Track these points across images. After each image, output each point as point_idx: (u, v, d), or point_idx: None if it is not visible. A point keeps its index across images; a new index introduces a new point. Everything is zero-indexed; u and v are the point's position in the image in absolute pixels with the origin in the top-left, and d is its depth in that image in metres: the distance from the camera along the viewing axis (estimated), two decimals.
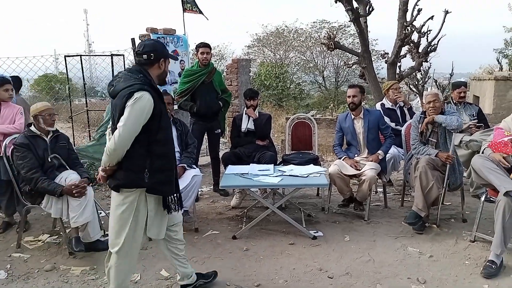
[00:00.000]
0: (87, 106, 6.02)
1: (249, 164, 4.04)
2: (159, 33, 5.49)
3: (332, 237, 3.52)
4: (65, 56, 5.79)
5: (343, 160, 3.99)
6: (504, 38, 18.14)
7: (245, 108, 4.52)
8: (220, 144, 5.33)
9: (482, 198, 3.26)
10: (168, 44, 5.55)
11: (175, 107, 4.56)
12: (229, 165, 4.07)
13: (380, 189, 4.67)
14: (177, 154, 3.75)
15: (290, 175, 3.62)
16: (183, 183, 3.53)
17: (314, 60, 23.50)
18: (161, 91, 2.39)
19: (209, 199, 4.67)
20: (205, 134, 4.72)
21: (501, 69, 16.44)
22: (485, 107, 9.15)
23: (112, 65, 5.42)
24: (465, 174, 4.11)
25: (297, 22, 28.49)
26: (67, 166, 3.37)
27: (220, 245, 3.41)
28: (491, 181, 3.00)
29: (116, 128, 2.13)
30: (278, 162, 4.36)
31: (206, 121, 4.57)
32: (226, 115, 5.10)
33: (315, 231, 3.60)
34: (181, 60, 5.81)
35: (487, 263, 2.89)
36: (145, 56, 2.27)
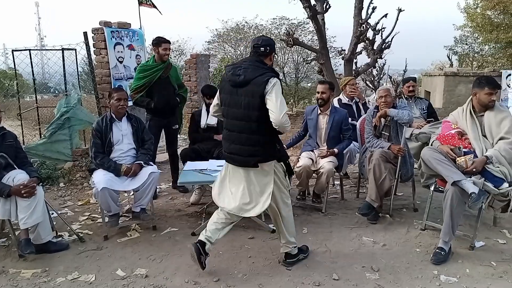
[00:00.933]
0: (36, 103, 5.74)
1: (208, 160, 4.02)
2: (113, 26, 5.32)
3: None
4: (12, 51, 5.48)
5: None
6: (454, 36, 19.08)
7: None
8: (179, 141, 5.26)
9: (432, 188, 3.42)
10: (123, 38, 5.39)
11: (130, 103, 4.44)
12: (188, 161, 4.02)
13: (337, 182, 4.78)
14: (133, 151, 3.67)
15: None
16: (139, 181, 3.46)
17: (274, 56, 23.66)
18: (116, 87, 2.36)
19: (168, 196, 4.61)
20: (162, 130, 4.64)
21: (451, 65, 17.27)
22: (436, 102, 9.59)
23: (63, 60, 5.19)
24: (416, 165, 4.29)
25: (257, 18, 28.60)
26: (14, 166, 3.20)
27: (179, 242, 3.38)
28: (439, 171, 3.15)
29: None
30: None
31: (163, 117, 4.48)
32: (183, 110, 5.02)
33: (274, 225, 3.64)
34: (137, 55, 5.67)
35: (437, 250, 3.03)
36: (262, 49, 2.71)
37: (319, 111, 4.14)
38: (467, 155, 3.09)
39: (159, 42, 4.35)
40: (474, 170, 3.03)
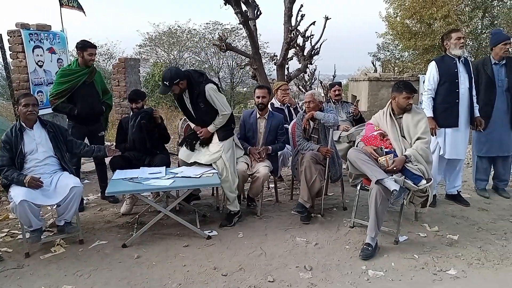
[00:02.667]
0: None
1: (139, 168, 3.87)
2: (31, 29, 4.96)
3: (227, 235, 3.56)
4: None
5: (248, 149, 4.08)
6: (377, 43, 20.36)
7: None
8: None
9: (358, 187, 3.59)
10: (42, 40, 5.05)
11: (50, 110, 4.14)
12: (117, 170, 3.84)
13: (272, 185, 4.86)
14: (52, 159, 3.43)
15: (182, 177, 3.56)
16: (60, 195, 3.24)
17: (209, 61, 23.58)
18: (25, 92, 2.18)
19: (97, 207, 4.37)
20: (86, 138, 4.39)
21: (375, 71, 18.41)
22: (362, 105, 10.16)
23: None
24: (344, 166, 4.49)
25: (190, 23, 28.31)
26: None
27: (109, 256, 3.21)
28: (364, 171, 3.32)
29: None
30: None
31: (87, 124, 4.23)
32: (109, 116, 4.77)
33: (210, 231, 3.61)
34: (59, 59, 5.34)
35: (364, 246, 3.19)
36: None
37: (258, 115, 4.19)
38: (388, 155, 3.29)
39: (84, 46, 4.12)
40: (395, 168, 3.24)
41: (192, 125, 3.94)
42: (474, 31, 17.04)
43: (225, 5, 7.79)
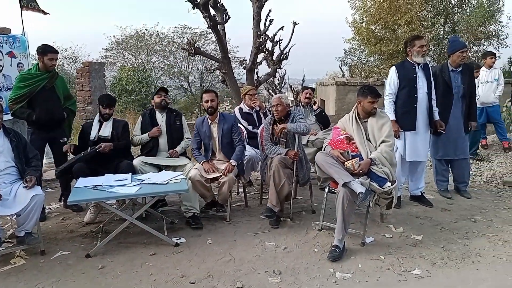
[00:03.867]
0: None
1: (104, 175, 3.76)
2: None
3: (195, 242, 3.51)
4: None
5: (202, 164, 4.02)
6: (344, 48, 20.79)
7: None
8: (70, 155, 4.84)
9: (326, 190, 3.63)
10: (1, 44, 4.84)
11: (9, 116, 3.98)
12: (80, 178, 3.71)
13: (241, 190, 4.84)
14: (12, 169, 3.29)
15: (149, 183, 3.49)
16: (20, 205, 3.10)
17: (178, 65, 23.37)
18: None
19: (59, 216, 4.21)
20: (47, 145, 4.23)
21: (343, 75, 18.77)
22: (330, 109, 10.32)
23: None
24: (313, 169, 4.54)
25: (158, 26, 28.00)
26: None
27: (71, 266, 3.10)
28: (331, 174, 3.37)
29: None
30: None
31: (48, 130, 4.08)
32: (73, 122, 4.63)
33: (178, 238, 3.55)
34: (19, 63, 5.13)
35: (332, 248, 3.22)
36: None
37: (209, 121, 4.16)
38: (354, 158, 3.35)
39: (44, 51, 3.98)
40: (361, 171, 3.30)
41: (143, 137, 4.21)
42: (436, 36, 17.72)
43: (193, 9, 7.74)
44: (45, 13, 5.64)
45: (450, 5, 18.19)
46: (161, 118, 4.28)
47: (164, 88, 4.46)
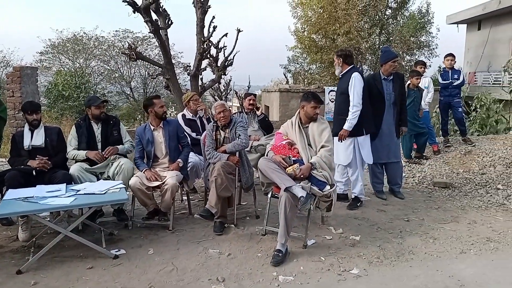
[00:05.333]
0: None
1: (35, 186, 3.53)
2: None
3: (136, 253, 3.39)
4: None
5: (143, 172, 3.92)
6: (287, 56, 21.32)
7: None
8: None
9: (269, 195, 3.68)
10: None
11: None
12: (10, 189, 3.45)
13: (185, 198, 4.77)
14: None
15: (85, 194, 3.33)
16: None
17: (120, 70, 22.65)
18: None
19: None
20: None
21: (287, 82, 19.20)
22: (274, 115, 10.51)
23: None
24: (257, 175, 4.59)
25: (97, 30, 27.00)
26: None
27: (1, 284, 2.87)
28: (273, 179, 3.43)
29: None
30: None
31: None
32: (3, 130, 4.32)
33: (117, 250, 3.41)
34: None
35: (275, 252, 3.26)
36: None
37: (152, 127, 4.09)
38: (295, 163, 3.44)
39: None
40: (302, 176, 3.39)
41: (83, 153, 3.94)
42: (372, 46, 18.73)
43: (134, 13, 7.56)
44: None
45: (385, 16, 19.36)
46: (97, 129, 4.07)
47: (107, 100, 4.29)
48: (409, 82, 6.07)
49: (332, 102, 10.37)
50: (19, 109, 6.41)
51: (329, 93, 10.82)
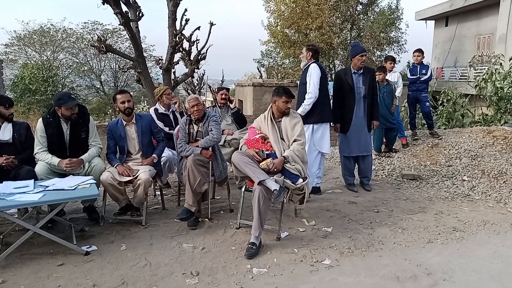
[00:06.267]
0: None
1: (2, 182, 3.41)
2: None
3: (108, 249, 3.35)
4: None
5: (115, 167, 3.86)
6: (261, 50, 21.34)
7: None
8: None
9: (243, 189, 3.70)
10: None
11: None
12: None
13: (158, 192, 4.73)
14: None
15: (54, 190, 3.25)
16: None
17: (89, 63, 22.06)
18: None
19: None
20: None
21: (261, 76, 19.23)
22: (247, 109, 10.52)
23: None
24: (230, 169, 4.60)
25: (65, 21, 26.20)
26: None
27: None
28: (247, 173, 3.45)
29: None
30: None
31: None
32: None
33: (88, 246, 3.36)
34: None
35: (249, 245, 3.29)
36: None
37: (124, 122, 4.02)
38: (268, 157, 3.47)
39: None
40: (275, 169, 3.43)
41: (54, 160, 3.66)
42: (344, 41, 18.98)
43: (103, 4, 7.39)
44: None
45: (356, 12, 19.64)
46: (66, 129, 3.79)
47: (73, 98, 3.84)
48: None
49: None
50: None
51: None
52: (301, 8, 17.77)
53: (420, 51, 6.86)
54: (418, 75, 6.72)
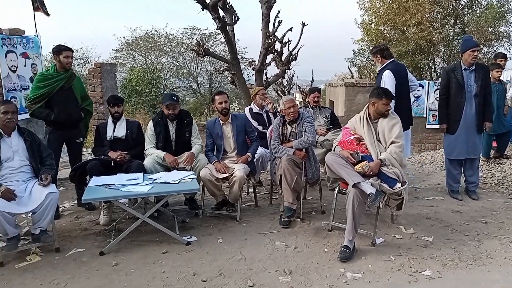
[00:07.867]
0: None
1: (116, 174, 3.82)
2: (3, 33, 4.84)
3: (206, 241, 3.55)
4: None
5: (213, 164, 4.07)
6: (353, 49, 20.73)
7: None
8: (86, 155, 4.93)
9: (336, 191, 3.65)
10: (15, 45, 4.93)
11: (26, 115, 4.06)
12: (94, 177, 3.78)
13: (251, 190, 4.88)
14: (27, 168, 3.38)
15: (160, 183, 3.54)
16: (36, 202, 3.17)
17: (187, 66, 23.51)
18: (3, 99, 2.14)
19: (73, 215, 4.28)
20: (64, 144, 4.31)
21: (352, 76, 18.72)
22: (338, 110, 10.30)
23: None
24: (322, 170, 4.56)
25: (167, 27, 28.24)
26: None
27: (86, 263, 3.16)
28: (341, 175, 3.38)
29: None
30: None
31: (65, 131, 4.18)
32: (89, 123, 4.72)
33: (189, 237, 3.59)
34: (33, 64, 5.23)
35: (342, 248, 3.23)
36: None
37: (221, 122, 4.21)
38: (363, 159, 3.36)
39: (59, 50, 4.08)
40: (371, 173, 3.31)
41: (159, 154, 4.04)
42: (446, 37, 17.58)
43: (203, 10, 7.80)
44: (47, 14, 5.70)
45: (460, 6, 18.05)
46: (171, 128, 4.21)
47: (173, 99, 4.20)
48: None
49: None
50: (100, 102, 6.94)
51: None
52: (398, 4, 16.87)
53: None
54: None
